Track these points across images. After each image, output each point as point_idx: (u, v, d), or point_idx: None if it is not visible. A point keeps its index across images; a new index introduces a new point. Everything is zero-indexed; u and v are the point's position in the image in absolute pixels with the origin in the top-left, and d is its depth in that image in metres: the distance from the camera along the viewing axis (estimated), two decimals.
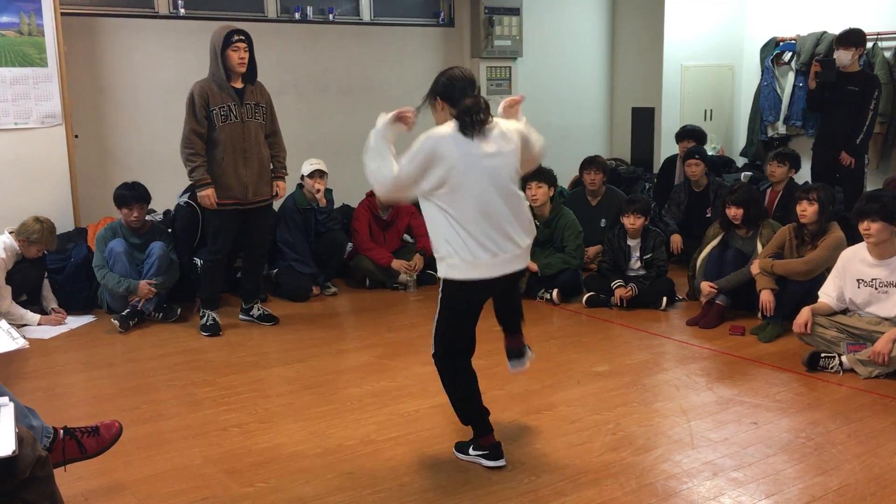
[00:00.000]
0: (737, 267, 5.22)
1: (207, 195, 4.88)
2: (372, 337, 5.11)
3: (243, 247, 5.34)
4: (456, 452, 3.41)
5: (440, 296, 3.18)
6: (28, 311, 5.26)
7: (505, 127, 3.17)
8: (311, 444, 3.52)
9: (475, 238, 3.04)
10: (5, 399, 2.41)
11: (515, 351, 3.51)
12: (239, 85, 4.93)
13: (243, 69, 4.89)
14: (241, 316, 5.43)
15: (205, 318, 5.20)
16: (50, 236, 5.26)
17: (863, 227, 4.32)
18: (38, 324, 5.22)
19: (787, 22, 8.24)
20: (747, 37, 8.72)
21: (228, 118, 4.88)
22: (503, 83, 7.99)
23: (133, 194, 5.42)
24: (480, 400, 3.31)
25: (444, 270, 3.12)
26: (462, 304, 3.18)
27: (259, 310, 5.40)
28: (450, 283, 3.12)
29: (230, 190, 4.94)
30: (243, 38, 4.85)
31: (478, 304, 3.25)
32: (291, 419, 3.81)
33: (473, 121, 3.03)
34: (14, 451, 2.12)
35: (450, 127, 3.07)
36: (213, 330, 5.14)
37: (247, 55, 4.86)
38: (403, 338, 5.05)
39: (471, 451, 3.35)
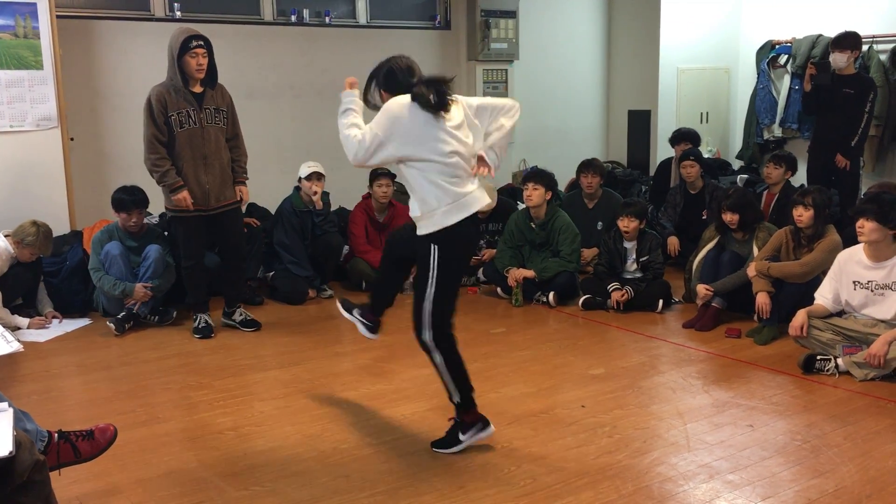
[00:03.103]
0: (733, 269, 5.23)
1: (184, 197, 4.84)
2: (368, 340, 5.07)
3: (220, 252, 5.30)
4: (443, 451, 3.44)
5: (435, 260, 3.26)
6: (17, 315, 5.23)
7: (465, 102, 3.39)
8: (306, 448, 3.52)
9: (451, 185, 3.23)
10: (4, 405, 2.41)
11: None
12: (198, 89, 4.87)
13: (201, 76, 4.82)
14: (223, 320, 5.37)
15: (197, 321, 5.20)
16: (45, 241, 5.25)
17: (858, 224, 4.35)
18: (28, 327, 5.20)
19: (783, 25, 8.26)
20: (743, 39, 8.74)
21: (187, 123, 4.82)
22: (500, 86, 8.00)
23: (132, 199, 5.39)
24: (467, 373, 3.43)
25: (438, 220, 3.24)
26: (458, 253, 3.32)
27: (242, 315, 5.34)
28: (444, 236, 3.24)
29: (192, 196, 4.89)
30: (202, 43, 4.78)
31: (469, 254, 3.51)
32: (287, 422, 3.80)
33: (435, 102, 3.21)
34: (11, 452, 2.12)
35: (407, 99, 3.23)
36: (206, 332, 5.14)
37: (206, 61, 4.80)
38: (399, 341, 5.03)
39: (461, 436, 3.42)
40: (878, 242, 4.32)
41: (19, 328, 5.16)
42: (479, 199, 3.32)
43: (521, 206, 6.33)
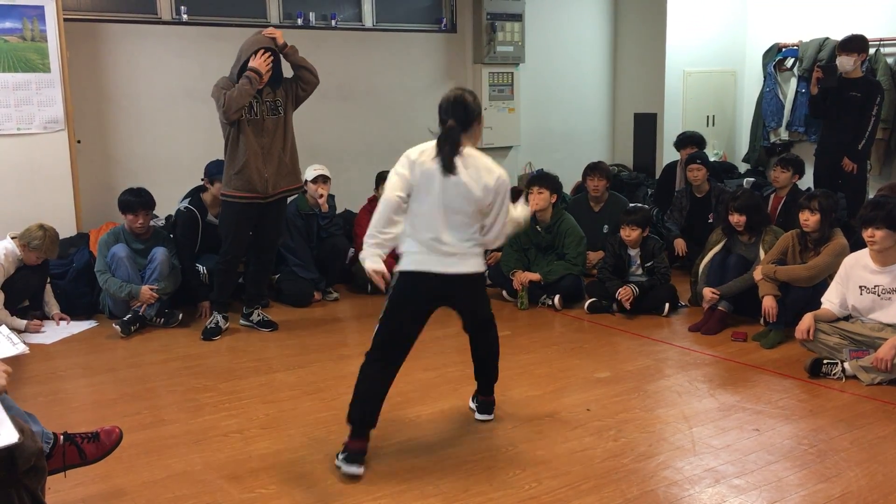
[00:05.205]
0: (739, 273, 5.21)
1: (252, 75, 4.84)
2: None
3: (252, 249, 5.33)
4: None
5: (391, 292, 3.41)
6: (16, 317, 5.21)
7: (486, 165, 3.36)
8: (312, 450, 3.52)
9: (419, 239, 3.34)
10: None
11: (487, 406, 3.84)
12: (260, 85, 4.98)
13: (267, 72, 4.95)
14: (241, 321, 5.43)
15: (211, 320, 5.25)
16: (51, 245, 5.25)
17: (867, 234, 4.31)
18: (25, 329, 5.15)
19: (790, 28, 8.24)
20: (749, 42, 8.72)
21: (249, 114, 4.95)
22: (505, 89, 8.00)
23: (138, 200, 5.42)
24: (379, 407, 3.37)
25: (401, 264, 3.40)
26: (409, 299, 3.38)
27: (259, 315, 5.40)
28: (402, 276, 3.39)
29: (251, 184, 4.98)
30: (270, 52, 4.95)
31: (423, 304, 3.42)
32: (292, 425, 3.80)
33: (442, 151, 3.29)
34: (20, 439, 2.18)
35: (426, 145, 3.35)
36: (214, 334, 5.18)
37: (271, 59, 4.94)
38: None
39: (339, 454, 3.30)
40: (888, 249, 4.31)
41: (18, 330, 5.15)
42: (434, 263, 3.35)
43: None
